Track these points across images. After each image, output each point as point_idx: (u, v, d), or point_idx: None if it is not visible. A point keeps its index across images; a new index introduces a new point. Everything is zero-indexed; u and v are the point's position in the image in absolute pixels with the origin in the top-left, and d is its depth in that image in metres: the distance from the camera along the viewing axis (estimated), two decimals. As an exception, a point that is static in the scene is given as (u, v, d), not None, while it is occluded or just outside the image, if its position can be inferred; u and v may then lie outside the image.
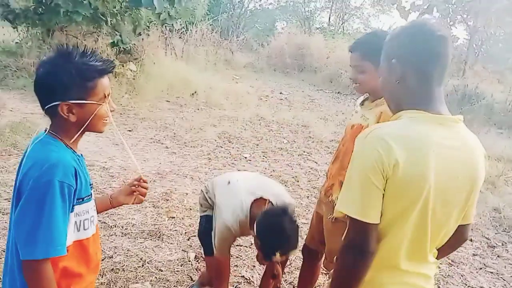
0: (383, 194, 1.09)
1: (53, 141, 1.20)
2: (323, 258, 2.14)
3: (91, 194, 1.29)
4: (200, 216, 2.29)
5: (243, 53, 15.04)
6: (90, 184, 1.32)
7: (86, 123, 1.21)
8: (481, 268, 3.29)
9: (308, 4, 23.37)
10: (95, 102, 1.20)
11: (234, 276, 2.73)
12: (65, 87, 1.16)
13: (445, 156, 1.10)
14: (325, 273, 2.66)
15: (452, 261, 3.34)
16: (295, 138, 6.35)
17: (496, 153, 6.39)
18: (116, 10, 7.18)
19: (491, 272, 3.25)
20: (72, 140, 1.24)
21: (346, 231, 1.15)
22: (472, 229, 3.98)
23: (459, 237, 1.27)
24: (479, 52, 16.53)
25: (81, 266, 1.24)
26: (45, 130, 1.24)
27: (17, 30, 7.23)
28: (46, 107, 1.19)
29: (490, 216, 4.29)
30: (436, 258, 1.27)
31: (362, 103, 1.88)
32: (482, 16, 11.43)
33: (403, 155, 1.05)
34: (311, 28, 20.41)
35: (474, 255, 3.50)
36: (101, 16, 7.05)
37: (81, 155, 1.30)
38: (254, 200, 1.91)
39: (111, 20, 7.32)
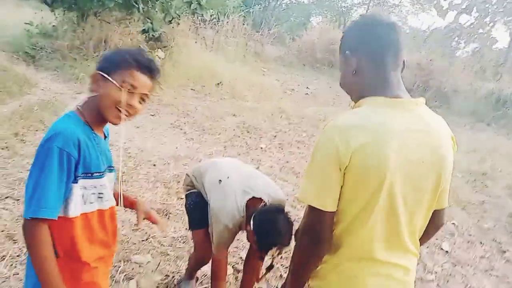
0: (346, 184, 1.09)
1: (71, 114, 1.25)
2: None
3: (103, 172, 1.31)
4: (186, 195, 2.32)
5: (273, 47, 15.05)
6: (110, 166, 1.36)
7: (100, 100, 1.24)
8: (486, 271, 3.23)
9: (344, 0, 23.05)
10: (114, 82, 1.21)
11: (233, 256, 2.81)
12: (107, 57, 1.27)
13: (408, 140, 1.08)
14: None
15: (457, 261, 3.30)
16: (315, 132, 6.35)
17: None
18: (148, -3, 7.36)
19: (497, 276, 3.19)
20: (92, 120, 1.27)
21: (304, 216, 1.17)
22: (484, 233, 3.90)
23: (435, 222, 1.26)
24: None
25: (85, 238, 1.28)
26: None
27: (54, 14, 7.55)
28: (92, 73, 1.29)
29: (505, 222, 4.19)
30: None
31: None
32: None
33: (360, 144, 1.05)
34: (346, 24, 20.09)
35: (481, 257, 3.43)
36: (133, 3, 7.25)
37: (105, 136, 1.36)
38: (248, 200, 1.97)
39: (143, 8, 7.51)
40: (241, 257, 2.83)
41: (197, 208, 2.16)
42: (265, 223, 1.84)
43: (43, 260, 1.15)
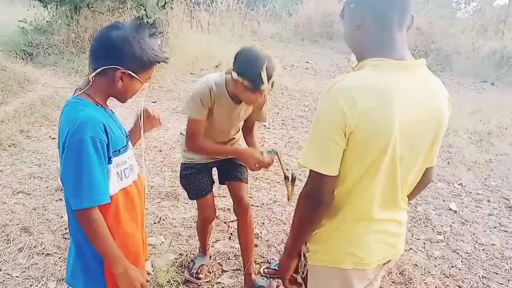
0: (349, 148, 1.09)
1: (80, 100, 1.27)
2: None
3: (126, 145, 1.37)
4: (182, 163, 2.30)
5: (270, 23, 14.87)
6: (127, 135, 1.43)
7: (122, 95, 1.33)
8: (495, 227, 3.27)
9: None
10: (141, 80, 1.32)
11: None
12: (132, 57, 1.25)
13: (409, 101, 1.09)
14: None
15: (465, 220, 3.33)
16: (317, 106, 6.33)
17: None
18: (139, -16, 7.28)
19: (505, 231, 3.22)
20: (103, 100, 1.33)
21: (306, 181, 1.17)
22: (491, 191, 3.92)
23: (424, 179, 1.28)
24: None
25: (127, 212, 1.38)
26: (74, 93, 1.32)
27: (47, 9, 7.52)
28: (105, 67, 1.25)
29: (514, 178, 4.18)
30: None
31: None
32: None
33: (367, 106, 1.03)
34: (341, -5, 19.70)
35: (489, 214, 3.46)
36: (125, -9, 7.20)
37: (111, 110, 1.40)
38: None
39: (135, -5, 7.45)
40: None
41: (189, 180, 2.20)
42: (244, 53, 1.82)
43: (105, 239, 1.25)
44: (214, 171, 2.33)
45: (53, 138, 4.13)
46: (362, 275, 1.22)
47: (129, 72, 1.27)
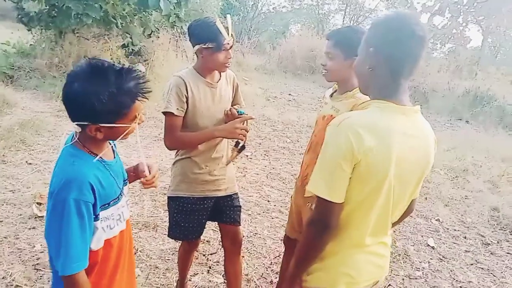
0: (351, 178, 1.20)
1: (75, 151, 1.23)
2: None
3: (119, 197, 1.32)
4: (175, 197, 2.13)
5: (254, 56, 15.17)
6: (125, 180, 1.37)
7: (115, 139, 1.26)
8: (472, 264, 3.30)
9: (322, 7, 23.38)
10: (125, 125, 1.20)
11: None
12: (96, 111, 1.13)
13: (406, 143, 1.22)
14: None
15: (443, 256, 3.37)
16: (299, 138, 6.41)
17: (502, 154, 6.36)
18: (126, 13, 7.37)
19: (482, 268, 3.26)
20: (99, 150, 1.26)
21: (314, 208, 1.27)
22: (467, 227, 3.99)
23: (409, 209, 1.43)
24: (496, 53, 16.27)
25: (108, 263, 1.32)
26: (73, 135, 1.26)
27: (31, 33, 7.50)
28: (73, 121, 1.19)
29: (488, 215, 4.28)
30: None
31: (331, 95, 1.95)
32: (495, 17, 11.26)
33: (372, 142, 1.16)
34: (324, 31, 20.39)
35: (466, 251, 3.51)
36: (112, 19, 7.26)
37: (115, 153, 1.36)
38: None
39: (121, 23, 7.53)
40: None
41: (184, 218, 2.08)
42: (193, 25, 1.90)
43: None
44: None
45: (30, 163, 4.03)
46: None
47: (103, 124, 1.18)
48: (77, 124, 1.19)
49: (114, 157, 1.36)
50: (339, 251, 1.30)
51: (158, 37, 8.67)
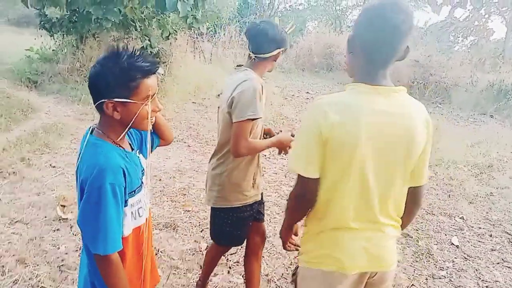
0: (326, 155, 1.24)
1: (99, 142, 1.28)
2: None
3: (141, 184, 1.38)
4: (229, 207, 2.07)
5: (271, 54, 15.13)
6: (142, 170, 1.42)
7: (131, 122, 1.27)
8: (498, 263, 3.21)
9: (339, 3, 23.14)
10: (137, 102, 1.24)
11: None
12: (110, 86, 1.21)
13: (380, 121, 1.21)
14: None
15: (468, 255, 3.29)
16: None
17: (529, 148, 6.16)
18: (144, 16, 7.47)
19: (509, 267, 3.16)
20: (119, 138, 1.30)
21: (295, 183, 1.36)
22: (493, 225, 3.88)
23: (413, 200, 1.38)
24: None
25: (135, 250, 1.39)
26: (90, 129, 1.32)
27: (53, 38, 7.69)
28: (95, 104, 1.26)
29: (515, 212, 4.15)
30: (401, 227, 1.40)
31: None
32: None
33: (337, 119, 1.19)
34: (342, 27, 20.17)
35: (492, 250, 3.41)
36: (131, 22, 7.37)
37: (131, 145, 1.41)
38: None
39: (140, 26, 7.64)
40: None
41: (241, 225, 2.10)
42: (257, 31, 1.96)
43: (121, 282, 1.29)
44: None
45: (54, 167, 4.14)
46: (345, 281, 1.31)
47: (117, 99, 1.23)
48: (96, 106, 1.26)
49: (132, 149, 1.42)
50: (324, 231, 1.34)
51: (176, 39, 8.75)
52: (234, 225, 2.06)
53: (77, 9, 7.05)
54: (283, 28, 1.99)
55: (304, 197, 1.34)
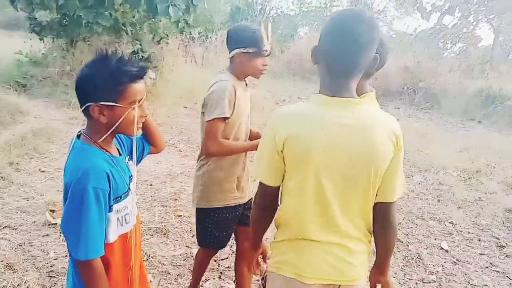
0: (285, 165, 1.25)
1: (86, 146, 1.27)
2: None
3: (127, 191, 1.36)
4: (209, 208, 2.10)
5: (263, 59, 15.18)
6: (130, 176, 1.40)
7: (115, 126, 1.26)
8: (487, 267, 3.25)
9: (330, 9, 23.35)
10: (123, 106, 1.24)
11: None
12: (97, 89, 1.21)
13: (335, 133, 1.18)
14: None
15: (457, 259, 3.32)
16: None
17: (516, 154, 6.26)
18: (135, 20, 7.46)
19: (497, 271, 3.20)
20: (104, 141, 1.29)
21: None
22: (482, 230, 3.93)
23: (381, 217, 1.31)
24: (508, 52, 16.07)
25: (123, 257, 1.37)
26: (78, 134, 1.32)
27: (43, 42, 7.63)
28: (81, 108, 1.25)
29: (503, 217, 4.21)
30: (376, 251, 1.39)
31: None
32: (506, 15, 11.11)
33: (291, 133, 1.20)
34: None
35: (481, 254, 3.45)
36: (122, 26, 7.36)
37: (119, 151, 1.39)
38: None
39: (131, 30, 7.62)
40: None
41: (223, 226, 2.09)
42: (236, 28, 1.96)
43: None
44: None
45: (43, 171, 4.09)
46: None
47: (103, 103, 1.22)
48: (83, 110, 1.26)
49: (120, 155, 1.40)
50: (284, 239, 1.34)
51: (167, 43, 8.75)
52: (215, 226, 2.06)
53: (68, 13, 7.02)
54: (257, 29, 1.87)
55: (264, 205, 1.36)
